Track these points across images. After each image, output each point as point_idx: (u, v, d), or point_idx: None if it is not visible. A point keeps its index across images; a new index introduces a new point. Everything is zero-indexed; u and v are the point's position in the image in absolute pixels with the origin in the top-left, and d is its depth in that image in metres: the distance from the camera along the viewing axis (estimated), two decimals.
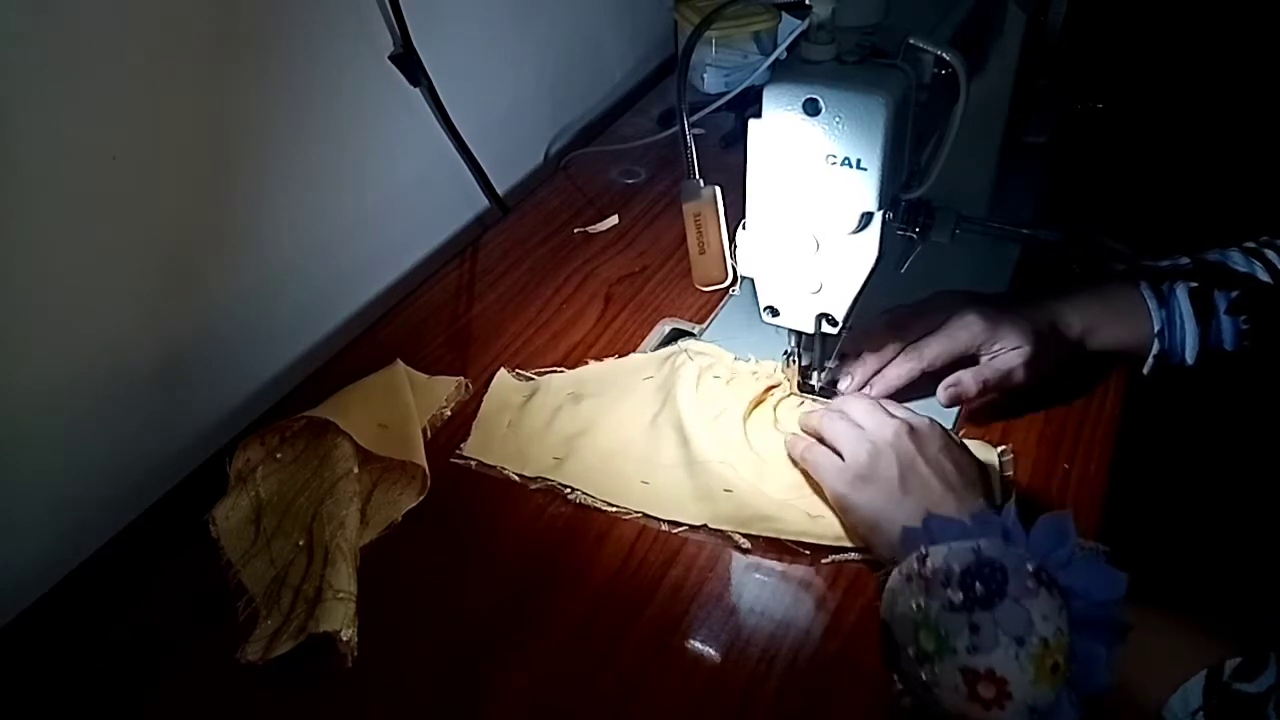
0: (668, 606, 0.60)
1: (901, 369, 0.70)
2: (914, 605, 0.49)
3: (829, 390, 0.73)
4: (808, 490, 0.65)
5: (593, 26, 1.17)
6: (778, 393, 0.73)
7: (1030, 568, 0.48)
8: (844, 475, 0.61)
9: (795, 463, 0.67)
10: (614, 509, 0.66)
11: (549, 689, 0.56)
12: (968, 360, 0.70)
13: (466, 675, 0.57)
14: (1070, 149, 0.98)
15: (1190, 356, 0.69)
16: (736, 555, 0.64)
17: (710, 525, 0.65)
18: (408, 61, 0.86)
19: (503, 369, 0.78)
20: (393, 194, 0.91)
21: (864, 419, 0.63)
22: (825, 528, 0.63)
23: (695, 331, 0.83)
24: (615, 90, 1.24)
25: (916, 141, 0.60)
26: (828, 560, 0.62)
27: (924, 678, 0.48)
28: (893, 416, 0.63)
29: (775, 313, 0.68)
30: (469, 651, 0.59)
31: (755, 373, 0.74)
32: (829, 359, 0.71)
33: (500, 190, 1.02)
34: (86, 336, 0.66)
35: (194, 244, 0.72)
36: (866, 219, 0.60)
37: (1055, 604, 0.47)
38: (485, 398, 0.76)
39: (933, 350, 0.69)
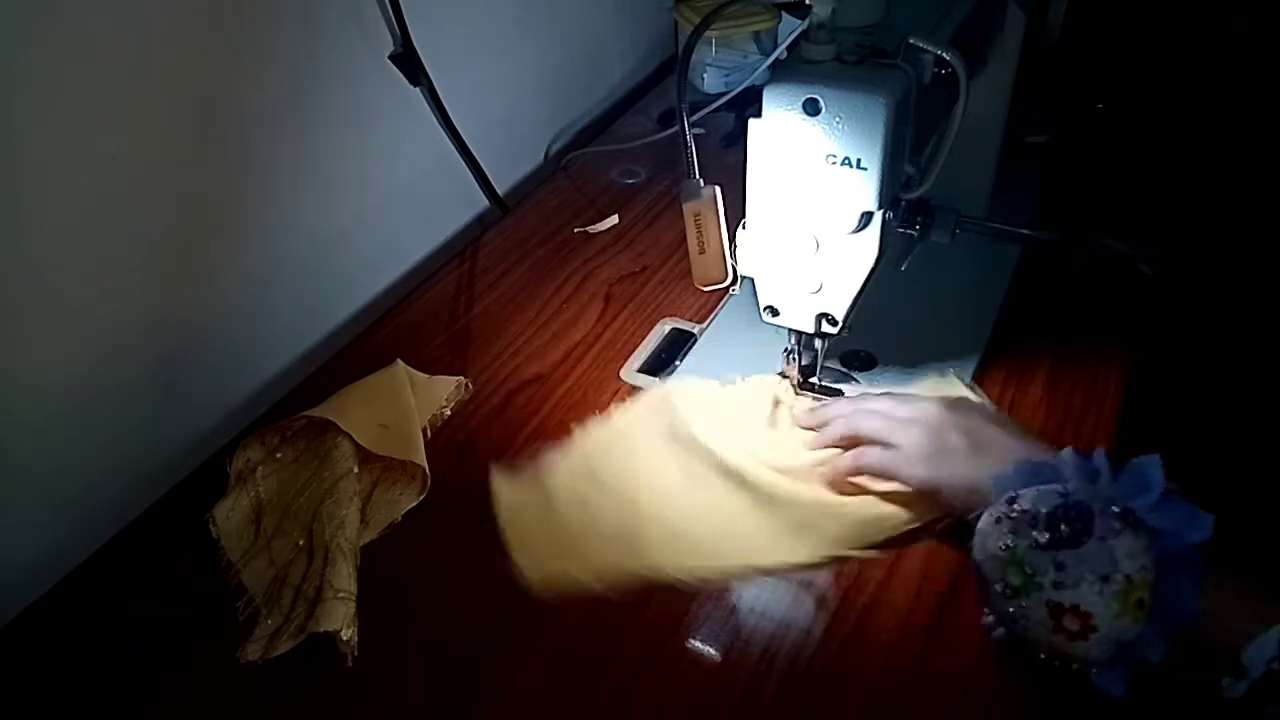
0: (668, 606, 0.60)
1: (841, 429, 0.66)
2: (1002, 545, 0.51)
3: (828, 390, 0.73)
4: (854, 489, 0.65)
5: (593, 26, 1.17)
6: (785, 401, 0.72)
7: (1116, 509, 0.49)
8: (917, 459, 0.61)
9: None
10: (723, 575, 0.62)
11: (549, 689, 0.56)
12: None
13: (466, 675, 0.57)
14: (1070, 149, 0.98)
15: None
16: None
17: (834, 554, 0.62)
18: (408, 61, 0.86)
19: (493, 473, 0.69)
20: (393, 194, 0.91)
21: (896, 410, 0.64)
22: (904, 511, 0.63)
23: (695, 331, 0.83)
24: (615, 90, 1.24)
25: (916, 141, 0.60)
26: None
27: (1012, 610, 0.50)
28: (926, 399, 0.64)
29: (775, 313, 0.68)
30: (469, 651, 0.59)
31: (750, 389, 0.72)
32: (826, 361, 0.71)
33: (500, 190, 1.02)
34: (86, 336, 0.66)
35: (194, 244, 0.72)
36: (866, 219, 0.60)
37: (1141, 543, 0.48)
38: (497, 508, 0.67)
39: (873, 424, 0.65)
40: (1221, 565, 0.49)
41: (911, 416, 0.63)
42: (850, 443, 0.65)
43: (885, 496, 0.63)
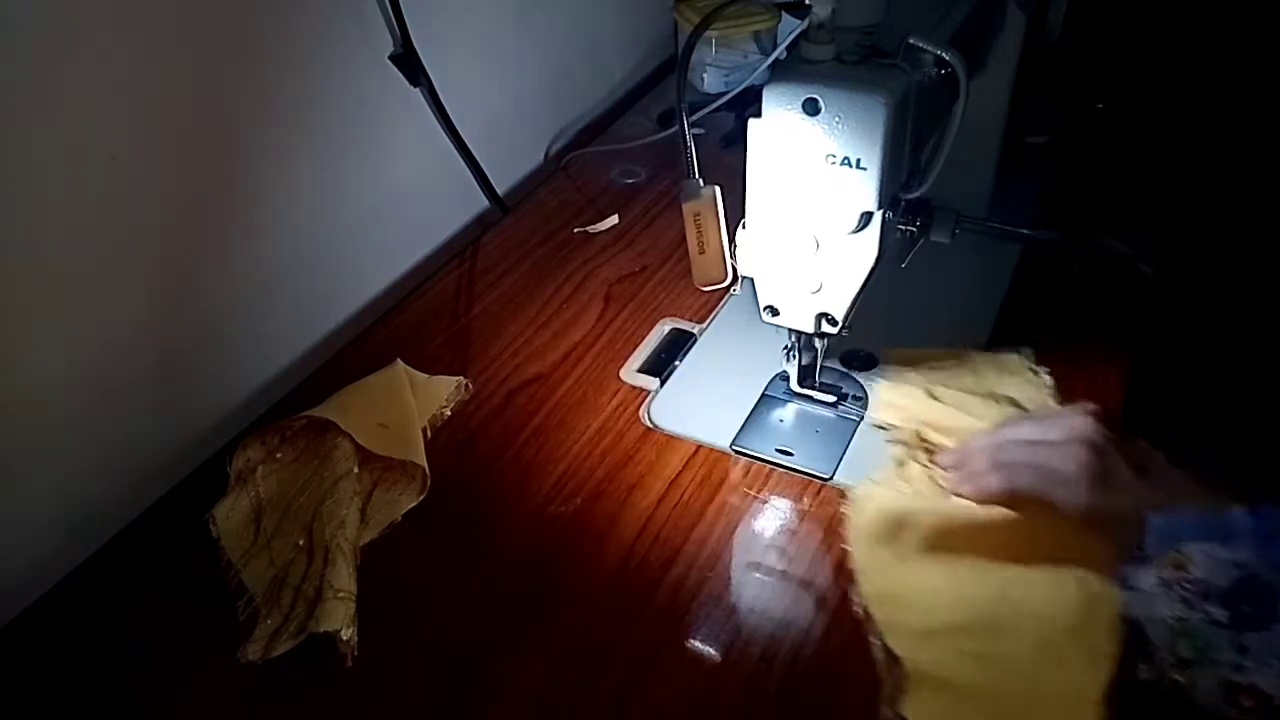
0: (668, 606, 0.60)
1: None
2: (1173, 614, 0.48)
3: (828, 389, 0.73)
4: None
5: (593, 26, 1.17)
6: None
7: None
8: (1082, 484, 0.56)
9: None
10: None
11: (549, 689, 0.56)
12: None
13: (467, 675, 0.57)
14: (1070, 149, 0.98)
15: None
16: (737, 555, 0.64)
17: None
18: (408, 61, 0.86)
19: (859, 493, 0.64)
20: (393, 194, 0.91)
21: (1046, 433, 0.59)
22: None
23: (695, 331, 0.83)
24: (615, 90, 1.24)
25: (916, 141, 0.60)
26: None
27: (1180, 680, 0.48)
28: (1073, 417, 0.59)
29: (775, 312, 0.68)
30: (469, 651, 0.59)
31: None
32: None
33: (500, 190, 1.02)
34: (86, 336, 0.66)
35: (194, 244, 0.72)
36: (866, 219, 0.60)
37: None
38: (854, 538, 0.62)
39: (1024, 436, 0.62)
40: None
41: (1064, 438, 0.58)
42: (1001, 485, 0.60)
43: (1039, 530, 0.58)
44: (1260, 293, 1.02)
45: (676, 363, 0.79)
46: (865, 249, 0.62)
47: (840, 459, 0.70)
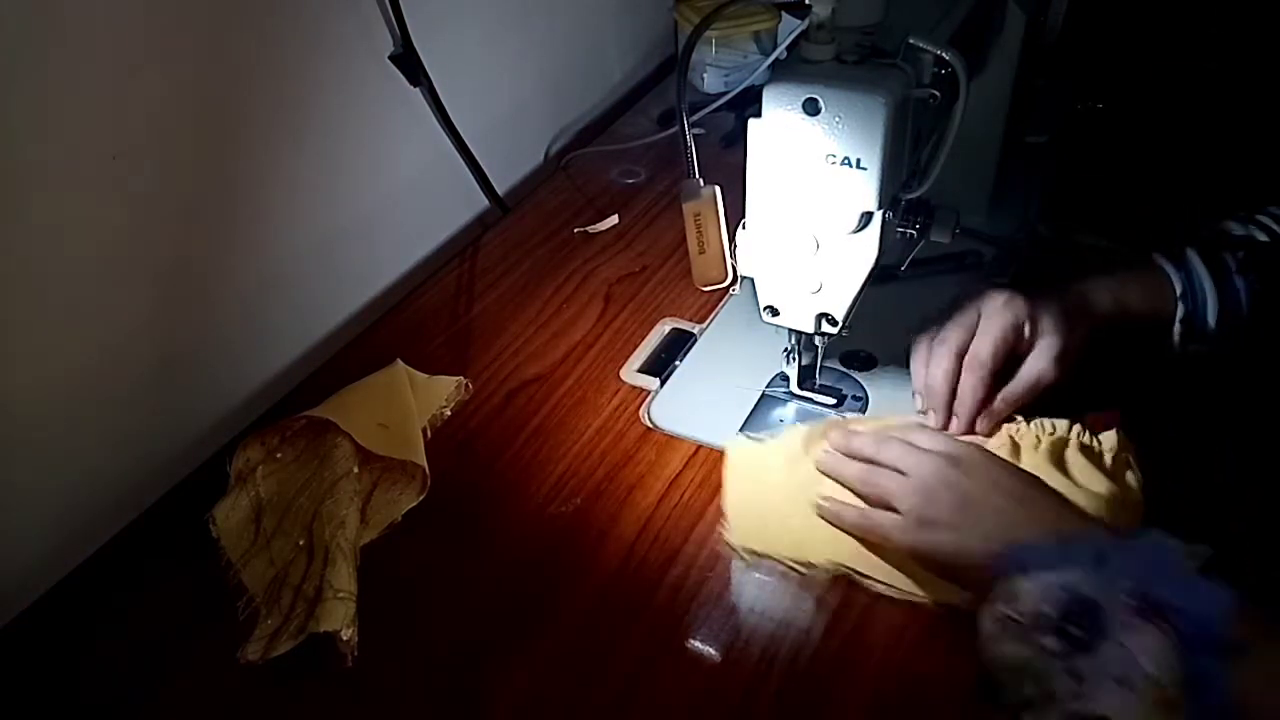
0: (668, 606, 0.60)
1: (971, 391, 0.65)
2: (1012, 652, 0.47)
3: (828, 390, 0.73)
4: None
5: (593, 26, 1.17)
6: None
7: (1127, 599, 0.46)
8: (906, 526, 0.58)
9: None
10: (919, 599, 0.60)
11: (549, 689, 0.57)
12: (1020, 344, 0.65)
13: (467, 675, 0.57)
14: (1070, 149, 0.98)
15: (1212, 319, 0.68)
16: (736, 555, 0.64)
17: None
18: (408, 61, 0.86)
19: (738, 436, 0.70)
20: (393, 194, 0.91)
21: (901, 461, 0.60)
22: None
23: (695, 331, 0.83)
24: (615, 90, 1.24)
25: (916, 141, 0.60)
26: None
27: None
28: (929, 452, 0.60)
29: (775, 313, 0.68)
30: (469, 651, 0.59)
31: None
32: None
33: (500, 190, 1.02)
34: (86, 336, 0.66)
35: (194, 244, 0.72)
36: (866, 219, 0.60)
37: (1160, 641, 0.45)
38: (727, 471, 0.67)
39: (986, 349, 0.64)
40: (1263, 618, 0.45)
41: (910, 472, 0.59)
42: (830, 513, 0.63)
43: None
44: (1260, 292, 1.02)
45: (676, 363, 0.79)
46: (865, 249, 0.62)
47: None
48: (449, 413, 0.76)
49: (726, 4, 0.65)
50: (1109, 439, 0.64)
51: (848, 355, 0.77)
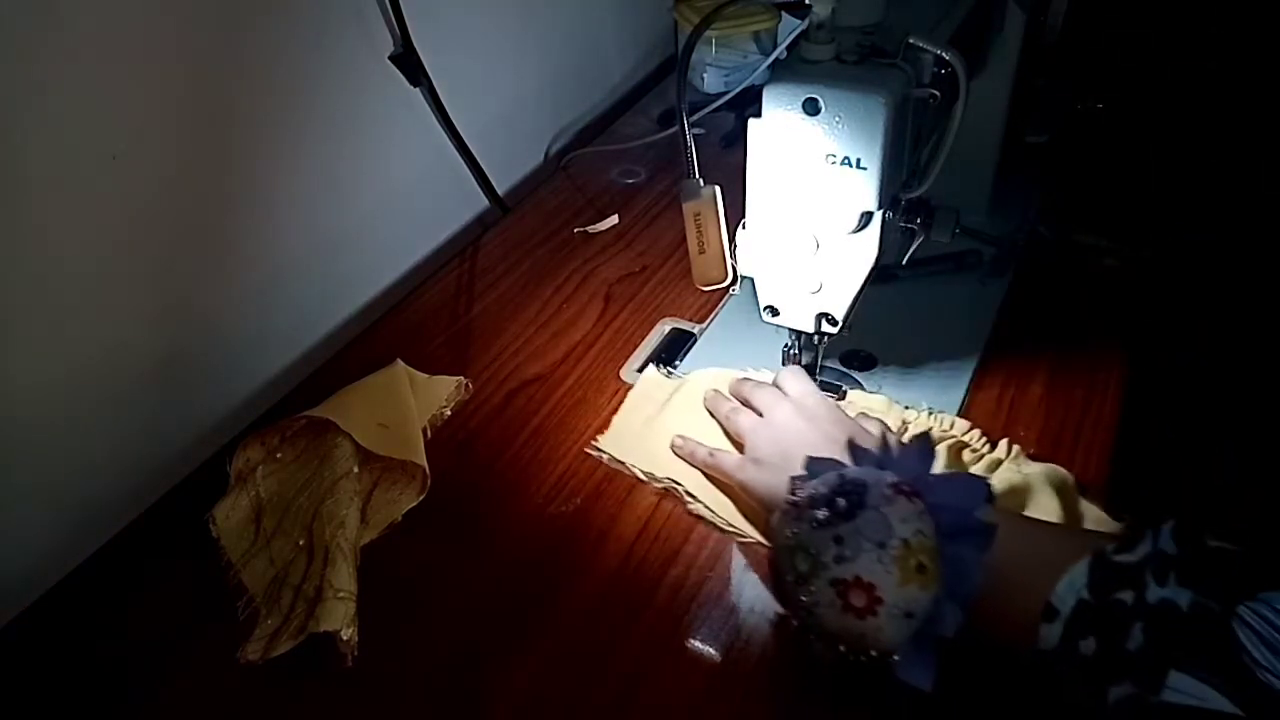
0: (668, 606, 0.60)
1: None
2: (788, 533, 0.51)
3: (828, 389, 0.73)
4: None
5: (593, 26, 1.18)
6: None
7: (890, 480, 0.50)
8: (742, 464, 0.64)
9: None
10: (731, 530, 0.65)
11: (549, 689, 0.57)
12: None
13: (467, 675, 0.57)
14: (1070, 149, 0.98)
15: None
16: (736, 555, 0.64)
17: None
18: (408, 61, 0.86)
19: (652, 366, 0.78)
20: (393, 194, 0.91)
21: (763, 405, 0.66)
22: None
23: (695, 331, 0.83)
24: (615, 90, 1.24)
25: (916, 141, 0.60)
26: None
27: (804, 600, 0.49)
28: (786, 399, 0.65)
29: (775, 312, 0.68)
30: (469, 651, 0.59)
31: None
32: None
33: (500, 190, 1.02)
34: (86, 336, 0.66)
35: (194, 244, 0.72)
36: (866, 218, 0.60)
37: (914, 509, 0.49)
38: (630, 393, 0.75)
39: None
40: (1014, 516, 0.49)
41: (766, 414, 0.65)
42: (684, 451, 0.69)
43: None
44: (1261, 293, 1.02)
45: (676, 363, 0.79)
46: (865, 249, 0.62)
47: None
48: (449, 413, 0.76)
49: (726, 4, 0.65)
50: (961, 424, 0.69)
51: (848, 355, 0.77)
